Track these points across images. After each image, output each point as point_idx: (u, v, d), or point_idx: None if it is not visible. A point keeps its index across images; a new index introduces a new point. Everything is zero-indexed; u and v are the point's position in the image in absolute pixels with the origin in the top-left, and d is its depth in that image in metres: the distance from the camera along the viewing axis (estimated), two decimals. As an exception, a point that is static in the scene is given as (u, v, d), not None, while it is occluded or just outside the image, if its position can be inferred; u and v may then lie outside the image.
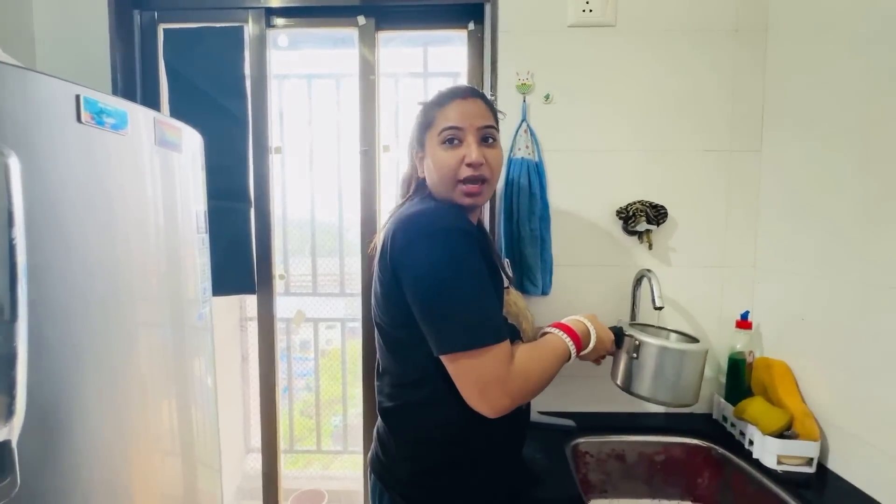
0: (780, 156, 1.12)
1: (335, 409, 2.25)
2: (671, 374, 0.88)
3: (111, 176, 0.70)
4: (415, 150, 0.83)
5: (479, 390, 0.67)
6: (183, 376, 0.94)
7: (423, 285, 0.68)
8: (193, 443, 0.99)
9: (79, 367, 0.65)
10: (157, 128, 0.81)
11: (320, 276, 2.03)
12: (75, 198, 0.64)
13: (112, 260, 0.72)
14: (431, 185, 0.80)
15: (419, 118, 0.82)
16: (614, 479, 1.13)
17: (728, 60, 1.15)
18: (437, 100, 0.79)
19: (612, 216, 1.18)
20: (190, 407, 0.97)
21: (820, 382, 0.98)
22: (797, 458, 0.94)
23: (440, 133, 0.76)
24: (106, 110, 0.69)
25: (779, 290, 1.11)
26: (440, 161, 0.76)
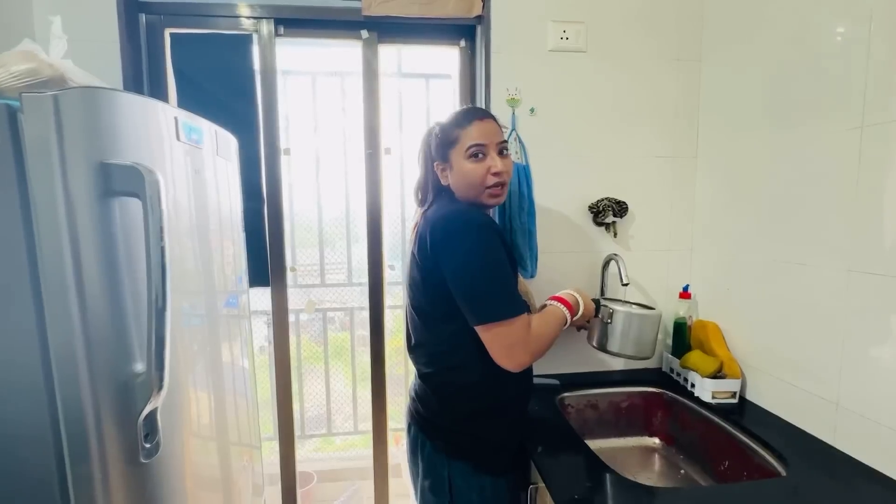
0: (710, 161, 1.42)
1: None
2: (635, 333, 1.15)
3: (199, 186, 0.80)
4: (436, 163, 1.00)
5: (507, 352, 0.87)
6: (228, 360, 1.05)
7: (462, 271, 0.87)
8: (236, 424, 1.10)
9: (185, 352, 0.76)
10: (218, 140, 0.91)
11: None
12: (180, 205, 0.74)
13: (202, 258, 0.83)
14: (460, 190, 0.98)
15: (440, 137, 0.99)
16: (590, 425, 1.40)
17: (672, 83, 1.43)
18: (458, 122, 0.97)
19: (585, 211, 1.43)
20: (234, 386, 1.07)
21: (740, 335, 1.30)
22: (726, 393, 1.25)
23: (467, 149, 0.94)
24: (193, 128, 0.79)
25: (709, 267, 1.42)
26: (469, 172, 0.94)
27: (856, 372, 0.96)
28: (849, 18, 0.96)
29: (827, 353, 1.02)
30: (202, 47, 1.31)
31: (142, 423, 0.64)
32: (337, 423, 2.37)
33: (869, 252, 0.92)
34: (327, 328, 2.25)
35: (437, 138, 0.99)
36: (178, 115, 0.75)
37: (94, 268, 0.60)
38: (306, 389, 2.26)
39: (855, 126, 0.95)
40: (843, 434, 0.99)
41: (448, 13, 1.36)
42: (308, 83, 1.55)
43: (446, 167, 0.98)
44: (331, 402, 2.32)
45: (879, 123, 0.90)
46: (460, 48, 1.46)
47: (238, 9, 1.31)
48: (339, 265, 2.18)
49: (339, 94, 1.63)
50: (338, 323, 2.45)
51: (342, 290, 2.25)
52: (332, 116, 1.57)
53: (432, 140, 1.00)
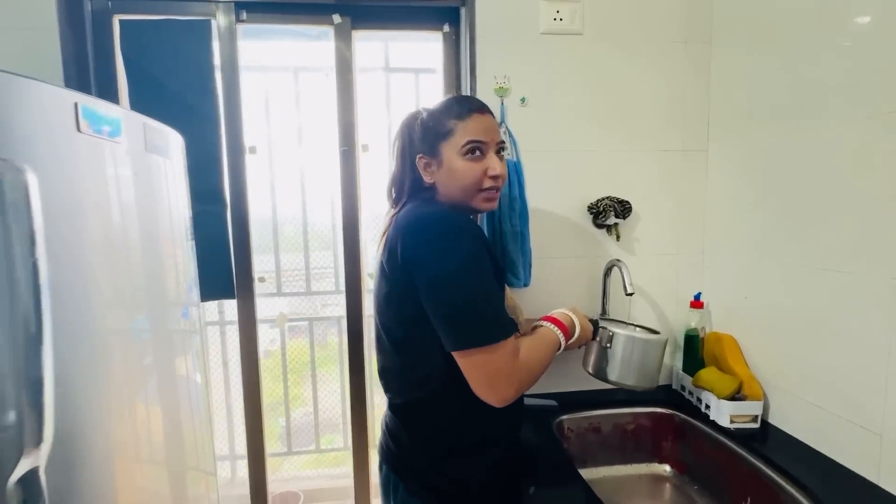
0: (723, 154, 1.27)
1: (279, 411, 2.20)
2: (638, 360, 1.00)
3: (111, 186, 0.67)
4: (420, 156, 0.84)
5: (489, 383, 0.73)
6: (172, 377, 0.91)
7: (438, 286, 0.72)
8: (185, 447, 0.97)
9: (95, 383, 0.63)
10: (147, 134, 0.77)
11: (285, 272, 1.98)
12: (80, 211, 0.61)
13: (114, 270, 0.69)
14: (448, 190, 0.83)
15: (429, 125, 0.83)
16: (593, 450, 1.25)
17: (679, 69, 1.28)
18: (454, 111, 0.82)
19: (584, 211, 1.28)
20: (181, 408, 0.94)
21: (761, 350, 1.15)
22: (746, 417, 1.10)
23: (464, 145, 0.79)
24: (103, 118, 0.65)
25: (724, 273, 1.27)
26: (464, 171, 0.80)
27: (905, 399, 0.81)
28: (890, -19, 0.81)
29: (869, 373, 0.87)
30: (155, 35, 1.18)
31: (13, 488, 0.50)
32: (335, 435, 2.24)
33: (921, 257, 0.77)
34: (326, 333, 2.12)
35: (423, 127, 0.84)
36: (79, 102, 0.62)
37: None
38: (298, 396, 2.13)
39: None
40: (889, 471, 0.84)
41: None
42: (279, 78, 1.42)
43: (433, 162, 0.83)
44: (318, 416, 2.19)
45: (932, 103, 0.75)
46: (444, 34, 1.32)
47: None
48: (324, 270, 2.05)
49: (311, 89, 1.49)
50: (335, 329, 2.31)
51: (329, 299, 2.12)
52: (310, 113, 1.43)
53: (416, 128, 0.85)
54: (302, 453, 2.26)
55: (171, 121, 1.15)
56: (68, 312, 0.62)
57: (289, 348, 2.13)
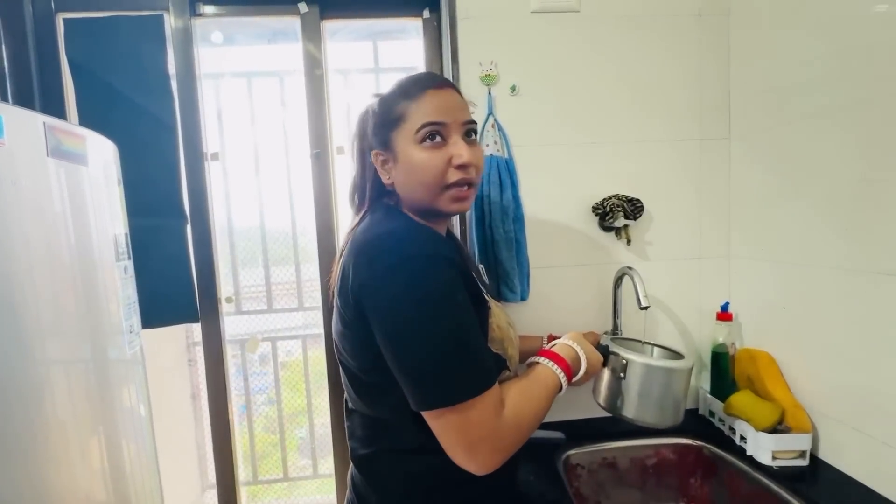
0: (748, 143, 1.10)
1: (300, 420, 2.09)
2: (658, 393, 0.82)
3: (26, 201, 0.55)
4: (374, 152, 0.71)
5: (465, 449, 0.57)
6: (109, 413, 0.78)
7: (394, 330, 0.57)
8: (128, 483, 0.84)
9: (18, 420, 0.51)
10: (50, 135, 0.65)
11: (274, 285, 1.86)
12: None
13: (8, 298, 0.57)
14: (407, 192, 0.68)
15: (379, 114, 0.69)
16: (607, 489, 1.08)
17: (693, 47, 1.12)
18: (405, 91, 0.67)
19: (588, 212, 1.12)
20: (121, 444, 0.81)
21: (806, 372, 0.96)
22: (792, 452, 0.91)
23: (418, 130, 0.64)
24: (-30, 115, 0.53)
25: (755, 280, 1.09)
26: (421, 163, 0.64)
27: None
28: None
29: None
30: (102, 34, 1.07)
31: None
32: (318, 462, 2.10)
33: None
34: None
35: (374, 116, 0.70)
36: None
37: None
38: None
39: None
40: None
41: (403, -25, 1.09)
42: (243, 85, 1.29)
43: (388, 157, 0.68)
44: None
45: None
46: (423, 20, 1.19)
47: (144, -16, 1.07)
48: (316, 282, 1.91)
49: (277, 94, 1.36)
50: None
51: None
52: (271, 116, 1.31)
53: (368, 119, 0.71)
54: (299, 479, 2.13)
55: (124, 128, 1.05)
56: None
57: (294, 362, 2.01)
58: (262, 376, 2.09)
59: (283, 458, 2.06)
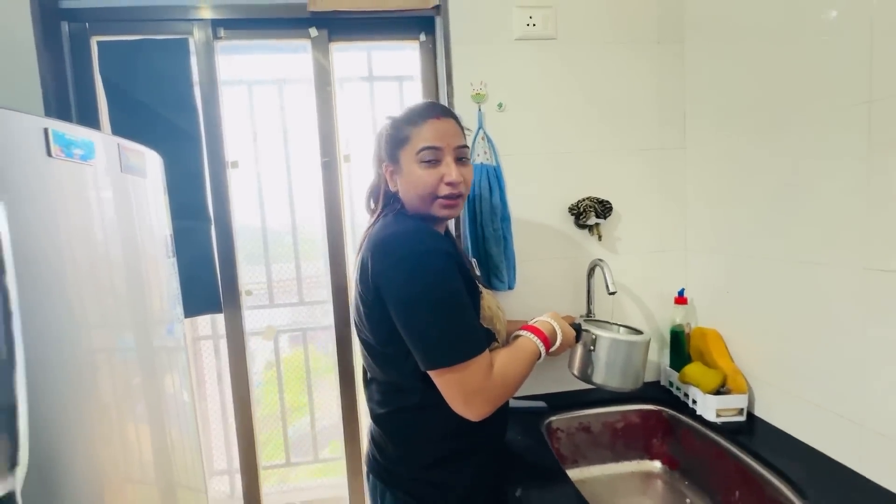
0: (700, 152, 1.28)
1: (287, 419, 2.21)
2: (622, 362, 1.00)
3: (88, 208, 0.68)
4: (385, 164, 0.87)
5: (463, 400, 0.74)
6: (159, 395, 0.92)
7: (407, 308, 0.73)
8: (175, 465, 0.97)
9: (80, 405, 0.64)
10: (122, 154, 0.78)
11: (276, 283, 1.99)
12: (52, 235, 0.62)
13: (90, 293, 0.70)
14: (408, 199, 0.84)
15: (390, 133, 0.85)
16: (583, 450, 1.26)
17: (653, 69, 1.30)
18: (411, 117, 0.83)
19: (565, 212, 1.30)
20: (169, 425, 0.95)
21: (744, 344, 1.16)
22: (731, 410, 1.10)
23: (419, 152, 0.80)
24: (74, 142, 0.66)
25: (706, 269, 1.28)
26: (419, 179, 0.81)
27: (881, 386, 0.82)
28: (847, -22, 0.83)
29: (847, 363, 0.88)
30: (133, 55, 1.20)
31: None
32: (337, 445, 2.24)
33: (887, 246, 0.79)
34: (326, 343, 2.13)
35: (387, 134, 0.86)
36: (49, 127, 0.63)
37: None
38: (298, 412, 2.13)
39: (862, 100, 0.81)
40: (869, 459, 0.85)
41: (403, 5, 1.24)
42: (259, 92, 1.43)
43: (396, 170, 0.85)
44: (315, 426, 2.19)
45: (888, 97, 0.77)
46: (420, 42, 1.34)
47: (170, 11, 1.20)
48: (318, 279, 2.06)
49: (294, 101, 1.50)
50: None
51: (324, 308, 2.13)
52: (287, 125, 1.45)
53: (382, 137, 0.87)
54: (301, 464, 2.27)
55: (152, 140, 1.17)
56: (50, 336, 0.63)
57: (291, 359, 2.14)
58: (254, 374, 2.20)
59: (285, 444, 2.20)
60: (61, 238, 0.64)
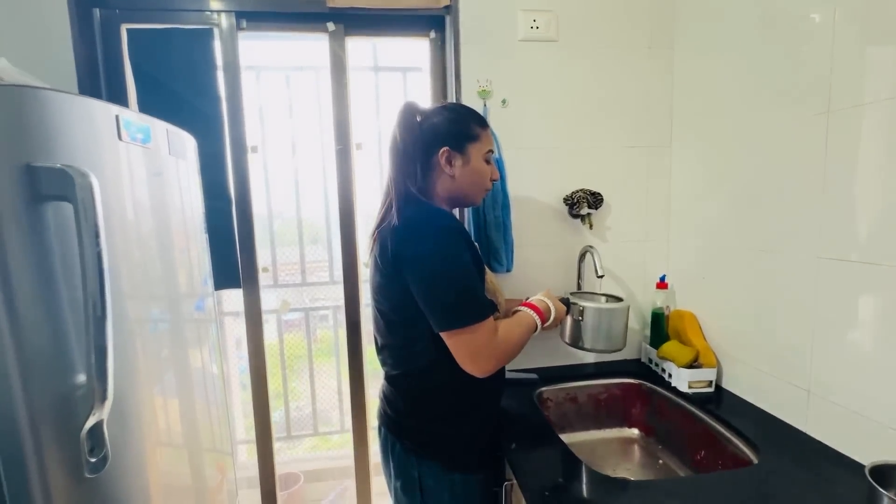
0: (684, 150, 1.41)
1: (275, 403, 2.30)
2: (606, 327, 1.14)
3: (146, 186, 0.77)
4: (445, 149, 0.92)
5: (471, 358, 0.86)
6: (198, 366, 1.02)
7: (424, 277, 0.84)
8: (202, 431, 1.07)
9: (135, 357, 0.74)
10: (170, 138, 0.87)
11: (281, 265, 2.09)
12: (122, 209, 0.71)
13: (163, 262, 0.80)
14: (465, 184, 0.96)
15: (458, 125, 0.94)
16: (570, 418, 1.39)
17: (644, 72, 1.41)
18: (480, 121, 0.97)
19: (560, 203, 1.41)
20: (201, 391, 1.05)
21: (715, 324, 1.30)
22: (702, 382, 1.25)
23: (487, 152, 0.97)
24: (137, 126, 0.75)
25: (685, 257, 1.41)
26: (484, 173, 0.97)
27: (826, 359, 0.96)
28: (815, 1, 0.95)
29: (798, 340, 1.02)
30: (161, 43, 1.27)
31: (85, 436, 0.61)
32: (332, 420, 2.36)
33: (837, 238, 0.92)
34: (317, 326, 2.24)
35: (450, 123, 0.93)
36: (119, 114, 0.71)
37: (25, 276, 0.57)
38: (294, 389, 2.25)
39: (821, 111, 0.94)
40: (814, 421, 0.99)
41: (415, 3, 1.33)
42: (276, 79, 1.51)
43: (457, 158, 0.93)
44: (316, 402, 2.31)
45: (844, 109, 0.89)
46: (430, 39, 1.43)
47: (197, 2, 1.27)
48: (319, 263, 2.16)
49: (308, 89, 1.58)
50: (330, 321, 2.42)
51: (327, 289, 2.24)
52: (301, 112, 1.53)
53: (443, 122, 0.93)
54: (302, 436, 2.39)
55: (177, 123, 1.25)
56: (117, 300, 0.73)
57: (285, 343, 2.24)
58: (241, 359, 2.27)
59: (286, 419, 2.31)
60: (128, 212, 0.73)
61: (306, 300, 2.22)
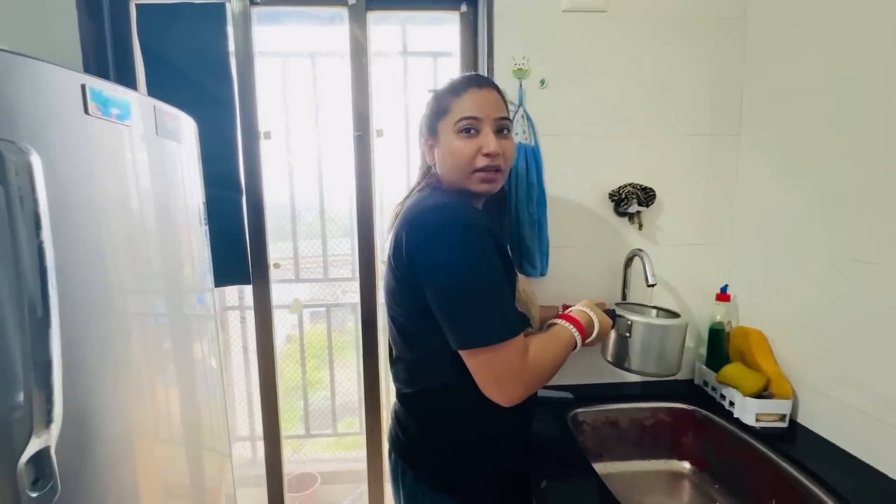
0: (756, 139, 1.19)
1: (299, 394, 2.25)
2: (658, 347, 0.95)
3: (124, 169, 0.67)
4: (424, 137, 0.83)
5: (496, 383, 0.70)
6: (187, 362, 0.93)
7: (442, 283, 0.70)
8: (201, 428, 0.98)
9: (101, 364, 0.64)
10: (159, 117, 0.77)
11: (302, 259, 2.02)
12: (87, 193, 0.61)
13: (131, 254, 0.70)
14: (444, 172, 0.81)
15: (431, 105, 0.82)
16: (609, 444, 1.22)
17: (710, 47, 1.21)
18: (452, 88, 0.79)
19: (604, 198, 1.23)
20: (197, 390, 0.96)
21: (791, 346, 1.09)
22: (773, 415, 1.04)
23: (457, 122, 0.77)
24: (111, 100, 0.65)
25: (754, 265, 1.21)
26: (456, 149, 0.77)
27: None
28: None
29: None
30: (171, 19, 1.18)
31: (24, 467, 0.51)
32: (354, 422, 2.28)
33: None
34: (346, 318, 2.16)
35: (428, 107, 0.83)
36: (87, 83, 0.61)
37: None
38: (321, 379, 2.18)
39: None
40: (929, 478, 0.79)
41: (445, -29, 1.18)
42: (293, 64, 1.40)
43: (434, 142, 0.82)
44: (336, 400, 2.23)
45: None
46: (461, 13, 1.28)
47: (208, -26, 1.17)
48: (343, 257, 2.07)
49: (326, 76, 1.47)
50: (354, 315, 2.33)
51: (348, 285, 2.15)
52: (319, 98, 1.42)
53: (425, 111, 0.85)
54: (320, 436, 2.32)
55: (187, 106, 1.15)
56: (83, 295, 0.63)
57: (309, 333, 2.17)
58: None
59: (306, 418, 2.24)
60: (96, 197, 0.63)
61: (337, 294, 2.14)
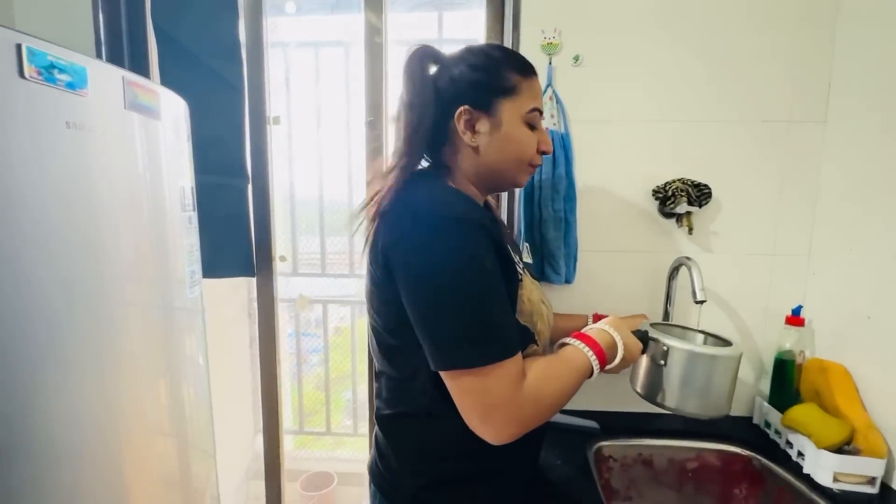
0: (848, 127, 0.96)
1: (346, 384, 2.22)
2: (701, 382, 0.75)
3: (71, 142, 0.61)
4: (464, 108, 0.64)
5: (481, 415, 0.57)
6: (169, 357, 0.86)
7: (421, 287, 0.57)
8: (185, 423, 0.93)
9: (54, 357, 0.59)
10: (128, 89, 0.70)
11: (329, 255, 1.97)
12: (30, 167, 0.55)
13: (83, 242, 0.64)
14: (497, 158, 0.66)
15: (484, 73, 0.65)
16: (639, 486, 1.03)
17: (792, 13, 0.98)
18: (520, 65, 0.66)
19: (648, 196, 1.05)
20: (181, 387, 0.90)
21: (886, 390, 0.85)
22: (859, 477, 0.82)
23: (530, 111, 0.66)
24: (58, 65, 0.59)
25: (838, 283, 0.97)
26: (524, 140, 0.67)
27: None
28: None
29: None
30: (184, 2, 1.14)
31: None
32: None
33: None
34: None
35: (475, 71, 0.65)
36: (24, 43, 0.55)
37: None
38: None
39: None
40: None
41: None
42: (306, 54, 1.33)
43: (482, 121, 0.65)
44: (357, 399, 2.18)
45: None
46: (487, -16, 1.14)
47: (222, -49, 1.12)
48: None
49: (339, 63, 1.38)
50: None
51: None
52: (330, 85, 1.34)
53: (465, 70, 0.65)
54: (341, 435, 2.27)
55: (199, 89, 1.12)
56: (31, 282, 0.57)
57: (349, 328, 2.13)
58: (315, 338, 2.23)
59: (327, 414, 2.20)
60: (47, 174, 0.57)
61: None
